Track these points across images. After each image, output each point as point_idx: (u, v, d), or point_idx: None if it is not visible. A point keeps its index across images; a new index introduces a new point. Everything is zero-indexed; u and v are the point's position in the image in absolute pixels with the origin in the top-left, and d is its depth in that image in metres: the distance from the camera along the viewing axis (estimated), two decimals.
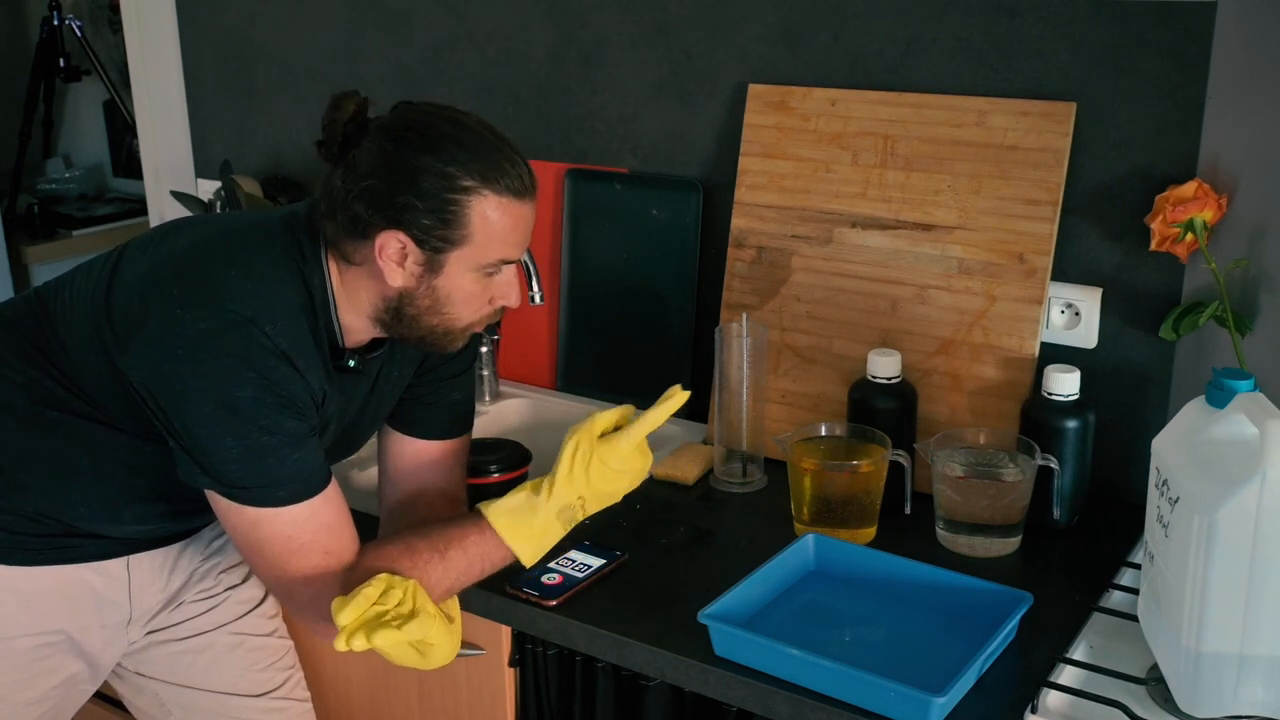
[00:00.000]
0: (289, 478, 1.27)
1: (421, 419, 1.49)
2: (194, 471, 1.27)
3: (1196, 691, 1.14)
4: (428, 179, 1.24)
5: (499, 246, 1.28)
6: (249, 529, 1.28)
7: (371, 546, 1.33)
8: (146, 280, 1.31)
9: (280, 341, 1.26)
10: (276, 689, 1.62)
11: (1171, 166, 1.51)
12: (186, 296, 1.26)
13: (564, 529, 1.35)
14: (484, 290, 1.32)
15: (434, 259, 1.27)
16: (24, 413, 1.38)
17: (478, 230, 1.26)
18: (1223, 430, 1.14)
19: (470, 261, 1.28)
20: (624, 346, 1.96)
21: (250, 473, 1.25)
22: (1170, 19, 1.48)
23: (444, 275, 1.29)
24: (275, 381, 1.25)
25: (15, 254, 3.59)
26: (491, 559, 1.34)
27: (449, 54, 2.08)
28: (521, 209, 1.29)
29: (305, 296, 1.30)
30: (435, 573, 1.30)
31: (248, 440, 1.24)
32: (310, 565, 1.28)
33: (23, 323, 1.41)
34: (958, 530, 1.49)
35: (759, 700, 1.25)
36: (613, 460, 1.33)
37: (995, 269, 1.60)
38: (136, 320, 1.28)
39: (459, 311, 1.32)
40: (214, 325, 1.24)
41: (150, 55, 2.50)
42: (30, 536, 1.39)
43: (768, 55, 1.77)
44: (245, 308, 1.25)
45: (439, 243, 1.26)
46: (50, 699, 1.46)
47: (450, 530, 1.33)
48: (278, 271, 1.29)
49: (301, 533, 1.28)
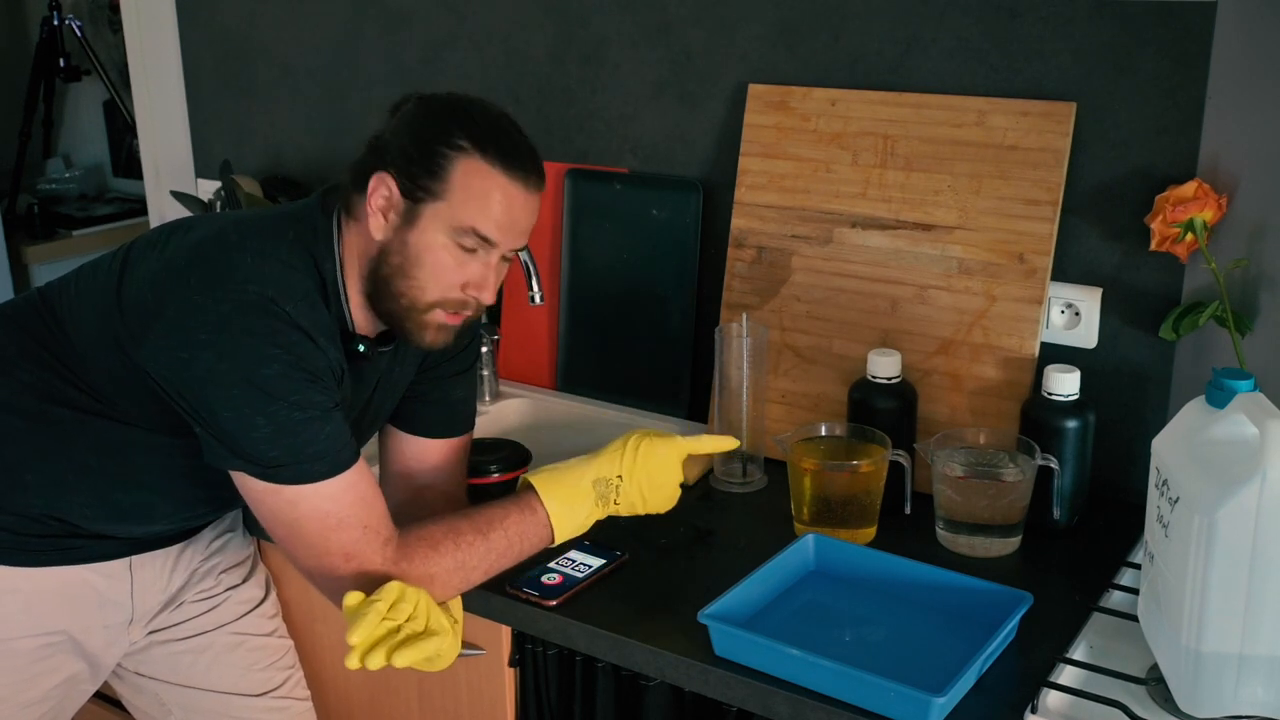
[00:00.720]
0: (322, 452, 1.27)
1: (423, 417, 1.50)
2: (225, 456, 1.27)
3: (1196, 691, 1.14)
4: (429, 130, 1.29)
5: (474, 212, 1.28)
6: (287, 510, 1.28)
7: (414, 528, 1.33)
8: (159, 273, 1.31)
9: (300, 318, 1.27)
10: (277, 688, 1.62)
11: (1171, 166, 1.51)
12: (204, 283, 1.27)
13: (596, 504, 1.38)
14: (455, 265, 1.30)
15: (411, 209, 1.29)
16: (32, 412, 1.38)
17: (457, 187, 1.27)
18: (1223, 430, 1.14)
19: (444, 220, 1.28)
20: (624, 346, 1.96)
21: (284, 450, 1.25)
22: (1170, 19, 1.48)
23: (417, 229, 1.29)
24: (300, 356, 1.26)
25: (15, 254, 3.59)
26: (530, 539, 1.36)
27: (449, 54, 2.08)
28: (509, 185, 1.29)
29: (319, 282, 1.31)
30: (478, 553, 1.32)
31: (279, 418, 1.24)
32: (351, 540, 1.28)
33: (28, 322, 1.41)
34: (958, 530, 1.49)
35: (759, 700, 1.25)
36: (659, 449, 1.40)
37: (995, 269, 1.60)
38: (152, 312, 1.28)
39: (426, 279, 1.31)
40: (235, 306, 1.24)
41: (150, 55, 2.50)
42: (33, 537, 1.39)
43: (768, 55, 1.77)
44: (265, 288, 1.26)
45: (419, 192, 1.28)
46: (51, 699, 1.46)
47: (492, 510, 1.36)
48: (292, 257, 1.30)
49: (340, 507, 1.27)
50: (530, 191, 1.31)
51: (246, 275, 1.26)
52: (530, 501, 1.37)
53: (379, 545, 1.29)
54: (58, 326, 1.38)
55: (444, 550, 1.30)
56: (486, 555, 1.33)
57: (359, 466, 1.30)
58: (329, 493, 1.27)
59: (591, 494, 1.37)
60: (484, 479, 1.59)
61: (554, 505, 1.36)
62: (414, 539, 1.31)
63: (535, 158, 1.33)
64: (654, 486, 1.40)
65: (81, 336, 1.36)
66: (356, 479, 1.29)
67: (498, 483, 1.60)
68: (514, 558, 1.36)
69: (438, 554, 1.30)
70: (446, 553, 1.30)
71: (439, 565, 1.30)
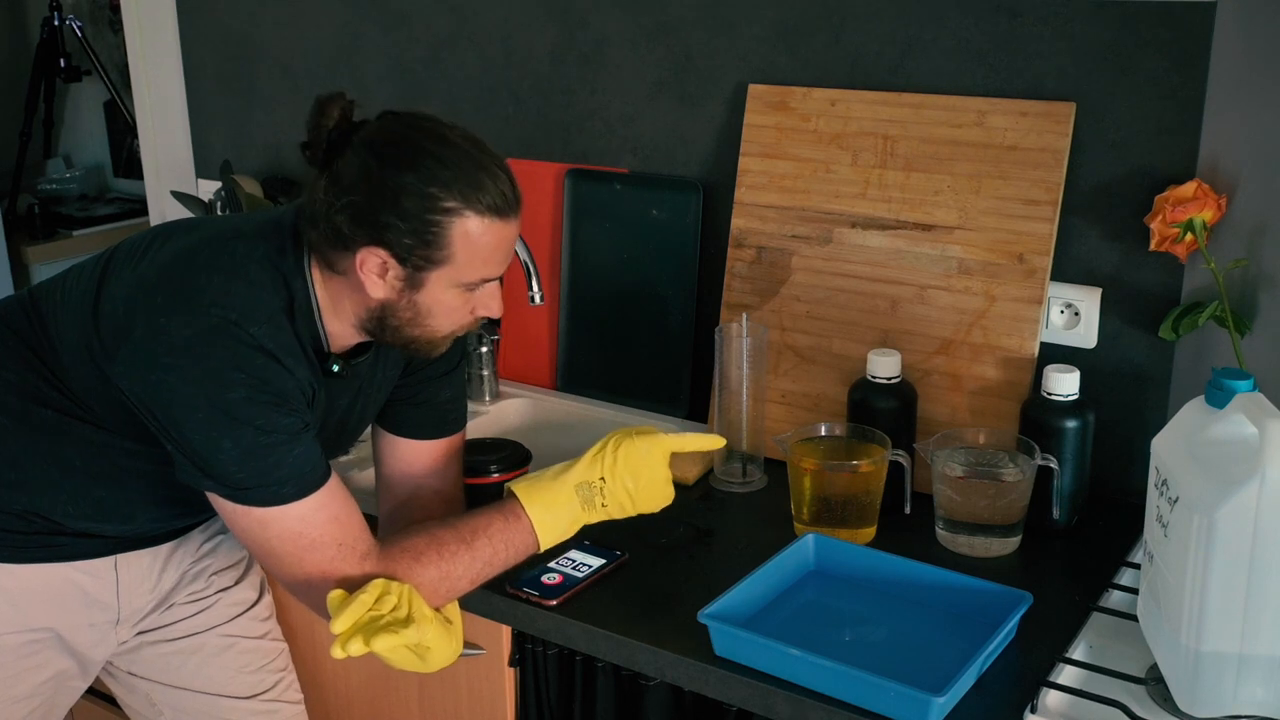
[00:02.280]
0: (291, 475, 1.27)
1: (411, 420, 1.49)
2: (196, 475, 1.27)
3: (1196, 691, 1.14)
4: (409, 199, 1.23)
5: (480, 266, 1.29)
6: (258, 530, 1.28)
7: (397, 539, 1.33)
8: (132, 289, 1.30)
9: (266, 341, 1.26)
10: (267, 691, 1.62)
11: (1171, 166, 1.51)
12: (169, 304, 1.26)
13: (581, 508, 1.37)
14: (465, 303, 1.32)
15: (415, 276, 1.27)
16: (17, 411, 1.38)
17: (459, 250, 1.26)
18: (1222, 430, 1.14)
19: (451, 280, 1.28)
20: (624, 346, 1.96)
21: (251, 473, 1.25)
22: (1170, 19, 1.48)
23: (425, 291, 1.29)
24: (265, 379, 1.25)
25: (15, 254, 3.59)
26: (516, 546, 1.35)
27: (449, 54, 2.08)
28: (504, 228, 1.28)
29: (287, 300, 1.30)
30: (463, 562, 1.32)
31: (244, 442, 1.24)
32: (326, 559, 1.28)
33: (16, 322, 1.41)
34: (958, 530, 1.49)
35: (759, 700, 1.25)
36: (640, 447, 1.37)
37: (995, 269, 1.60)
38: (123, 330, 1.28)
39: (439, 324, 1.33)
40: (198, 330, 1.24)
41: (150, 55, 2.50)
42: (17, 534, 1.39)
43: (768, 55, 1.78)
44: (228, 310, 1.25)
45: (420, 261, 1.26)
46: (40, 695, 1.46)
47: (476, 519, 1.35)
48: (260, 275, 1.29)
49: (311, 528, 1.28)
50: (516, 217, 1.30)
51: (211, 298, 1.25)
52: (513, 508, 1.36)
53: (356, 560, 1.29)
54: (42, 329, 1.38)
55: (427, 561, 1.30)
56: (472, 564, 1.32)
57: (330, 486, 1.30)
58: (299, 514, 1.27)
59: (575, 499, 1.37)
60: (484, 479, 1.59)
61: (536, 511, 1.36)
62: (397, 550, 1.31)
63: (510, 178, 1.29)
64: (640, 485, 1.38)
65: (63, 343, 1.36)
66: (328, 499, 1.29)
67: (497, 483, 1.60)
68: (500, 566, 1.35)
69: (421, 565, 1.30)
70: (430, 563, 1.30)
71: (423, 576, 1.29)
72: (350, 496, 1.33)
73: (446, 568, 1.31)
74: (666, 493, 1.42)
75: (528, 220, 1.97)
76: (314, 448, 1.30)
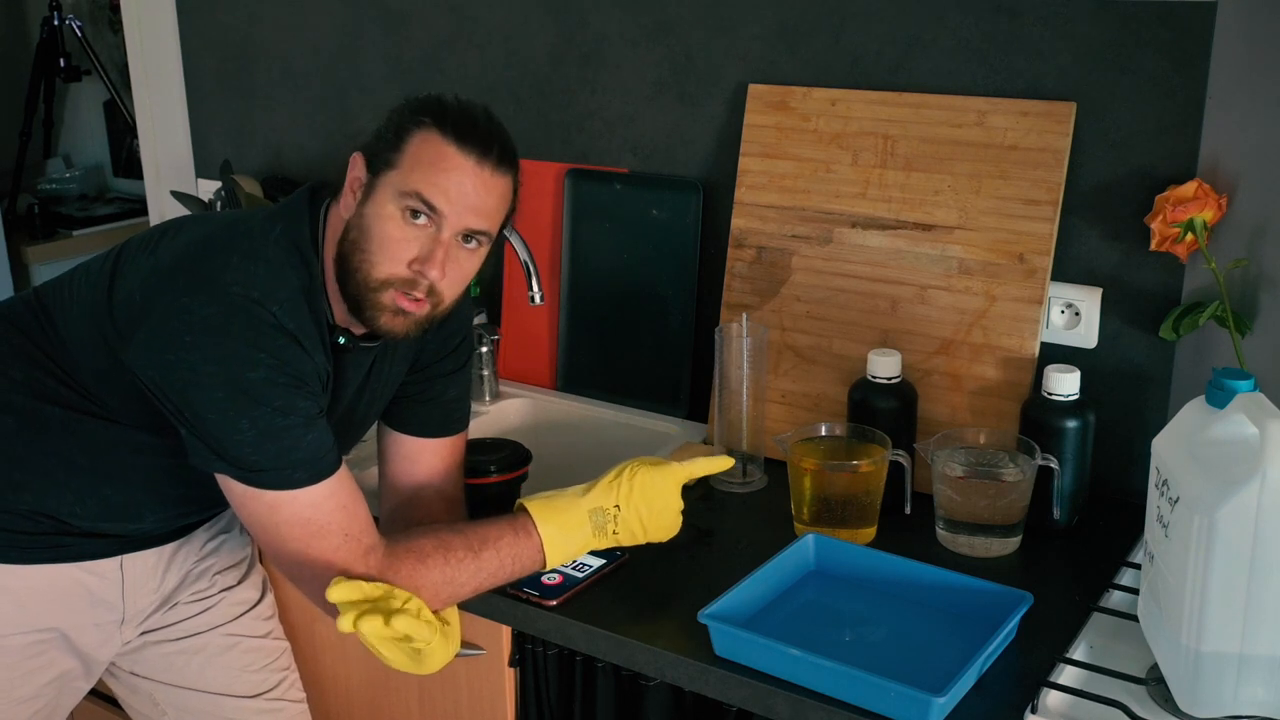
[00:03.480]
0: (305, 459, 1.27)
1: (416, 417, 1.49)
2: (209, 457, 1.27)
3: (1196, 691, 1.14)
4: (401, 113, 1.32)
5: (420, 178, 1.28)
6: (267, 514, 1.28)
7: (404, 539, 1.32)
8: (149, 275, 1.31)
9: (286, 321, 1.27)
10: (271, 690, 1.62)
11: (1171, 166, 1.51)
12: (191, 285, 1.27)
13: (593, 534, 1.37)
14: (403, 239, 1.28)
15: (371, 182, 1.30)
16: (23, 410, 1.38)
17: (408, 155, 1.29)
18: (1223, 430, 1.14)
19: (394, 187, 1.29)
20: (624, 346, 1.96)
21: (266, 455, 1.25)
22: (1170, 19, 1.48)
23: (373, 200, 1.30)
24: (286, 361, 1.26)
25: (15, 254, 3.59)
26: (522, 561, 1.35)
27: (449, 54, 2.08)
28: (459, 156, 1.28)
29: (306, 278, 1.31)
30: (468, 570, 1.31)
31: (262, 422, 1.24)
32: (331, 547, 1.28)
33: (22, 321, 1.42)
34: (958, 530, 1.49)
35: (759, 700, 1.25)
36: (657, 478, 1.38)
37: (995, 269, 1.60)
38: (140, 313, 1.28)
39: (375, 252, 1.29)
40: (221, 309, 1.24)
41: (150, 55, 2.51)
42: (24, 535, 1.39)
43: (768, 55, 1.77)
44: (250, 290, 1.26)
45: (379, 164, 1.30)
46: (44, 696, 1.46)
47: (486, 529, 1.35)
48: (278, 255, 1.31)
49: (320, 514, 1.28)
50: (484, 168, 1.29)
51: (233, 277, 1.26)
52: (525, 525, 1.36)
53: (360, 553, 1.29)
54: (50, 326, 1.39)
55: (432, 564, 1.30)
56: (476, 574, 1.32)
57: (341, 474, 1.30)
58: (310, 500, 1.27)
59: (588, 523, 1.37)
60: (483, 479, 1.59)
61: (549, 531, 1.35)
62: (402, 550, 1.31)
63: (500, 141, 1.31)
64: (653, 514, 1.39)
65: (73, 335, 1.36)
66: (338, 487, 1.29)
67: (497, 482, 1.60)
68: (504, 578, 1.35)
69: (425, 567, 1.30)
70: (434, 566, 1.30)
71: (426, 578, 1.29)
72: (358, 489, 1.33)
73: (450, 573, 1.31)
74: (677, 523, 1.42)
75: (528, 220, 1.97)
76: (327, 434, 1.30)
